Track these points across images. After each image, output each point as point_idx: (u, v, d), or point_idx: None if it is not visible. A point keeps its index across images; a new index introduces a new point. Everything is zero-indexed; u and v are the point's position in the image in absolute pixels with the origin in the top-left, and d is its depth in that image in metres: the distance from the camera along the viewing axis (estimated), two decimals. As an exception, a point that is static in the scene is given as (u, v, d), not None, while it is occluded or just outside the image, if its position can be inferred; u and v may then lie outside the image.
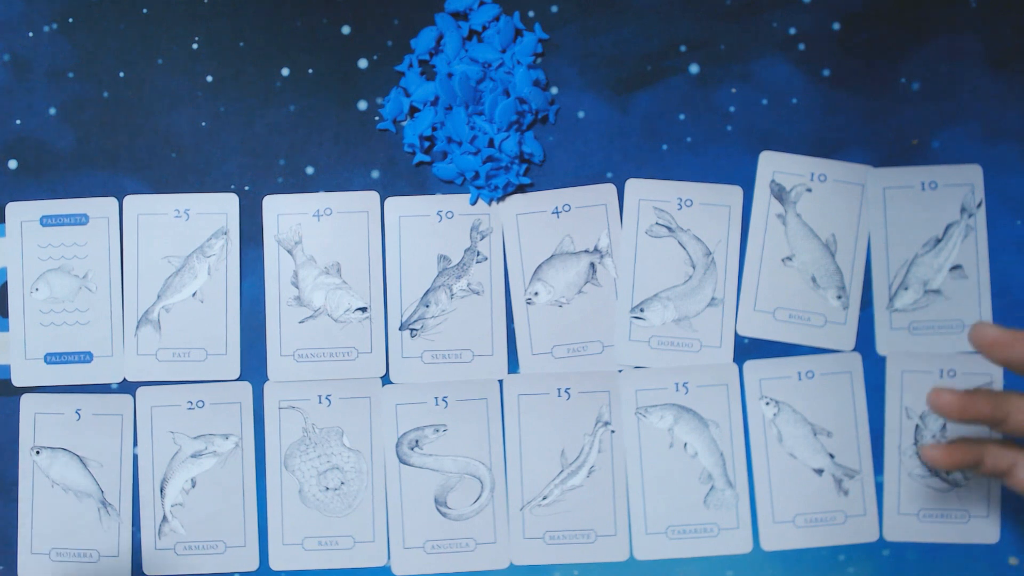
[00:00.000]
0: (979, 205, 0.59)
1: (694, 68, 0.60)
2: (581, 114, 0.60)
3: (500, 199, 0.59)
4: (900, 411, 0.59)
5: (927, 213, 0.59)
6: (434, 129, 0.59)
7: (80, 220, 0.60)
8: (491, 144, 0.58)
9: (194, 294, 0.60)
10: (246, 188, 0.60)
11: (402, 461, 0.59)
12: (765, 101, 0.59)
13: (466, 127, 0.58)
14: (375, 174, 0.60)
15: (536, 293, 0.59)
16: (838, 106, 0.59)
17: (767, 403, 0.59)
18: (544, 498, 0.59)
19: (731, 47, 0.60)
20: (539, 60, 0.60)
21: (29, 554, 0.59)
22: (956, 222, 0.59)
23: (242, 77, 0.60)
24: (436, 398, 0.59)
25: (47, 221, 0.60)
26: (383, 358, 0.59)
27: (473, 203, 0.59)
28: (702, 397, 0.59)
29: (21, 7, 0.60)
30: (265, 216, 0.60)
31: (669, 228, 0.59)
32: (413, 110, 0.60)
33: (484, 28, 0.59)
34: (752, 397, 0.59)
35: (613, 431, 0.59)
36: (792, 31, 0.60)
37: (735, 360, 0.59)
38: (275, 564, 0.59)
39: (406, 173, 0.60)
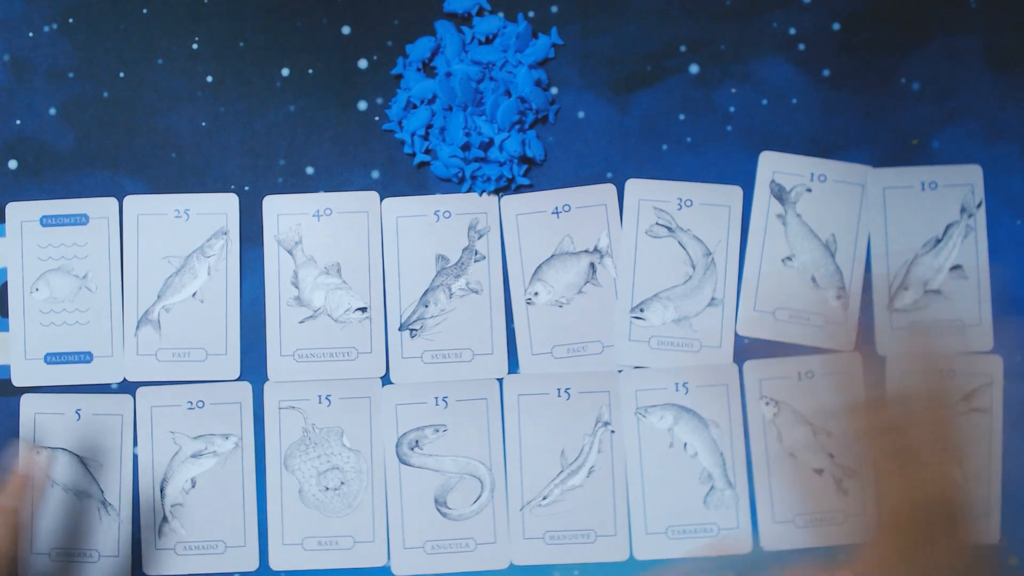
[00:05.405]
0: (979, 205, 0.59)
1: (694, 68, 0.60)
2: (581, 114, 0.60)
3: (493, 192, 0.59)
4: (900, 411, 0.59)
5: (927, 213, 0.59)
6: (429, 127, 0.59)
7: (80, 220, 0.60)
8: (490, 145, 0.58)
9: (194, 294, 0.60)
10: (246, 188, 0.60)
11: (402, 461, 0.59)
12: (765, 101, 0.59)
13: (461, 131, 0.58)
14: (375, 174, 0.60)
15: (536, 293, 0.59)
16: (838, 106, 0.59)
17: (767, 403, 0.59)
18: (544, 498, 0.59)
19: (731, 47, 0.60)
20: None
21: (29, 554, 0.59)
22: (956, 222, 0.59)
23: (242, 77, 0.60)
24: (436, 398, 0.59)
25: (47, 221, 0.60)
26: (383, 358, 0.59)
27: (466, 191, 0.59)
28: (702, 397, 0.59)
29: (21, 7, 0.60)
30: (265, 216, 0.60)
31: (669, 228, 0.59)
32: (411, 106, 0.60)
33: (489, 39, 0.59)
34: (752, 397, 0.59)
35: (613, 431, 0.59)
36: (792, 31, 0.60)
37: (735, 360, 0.59)
38: (275, 564, 0.59)
39: (406, 173, 0.60)
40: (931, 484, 0.49)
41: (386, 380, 0.60)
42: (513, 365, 0.59)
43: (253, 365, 0.60)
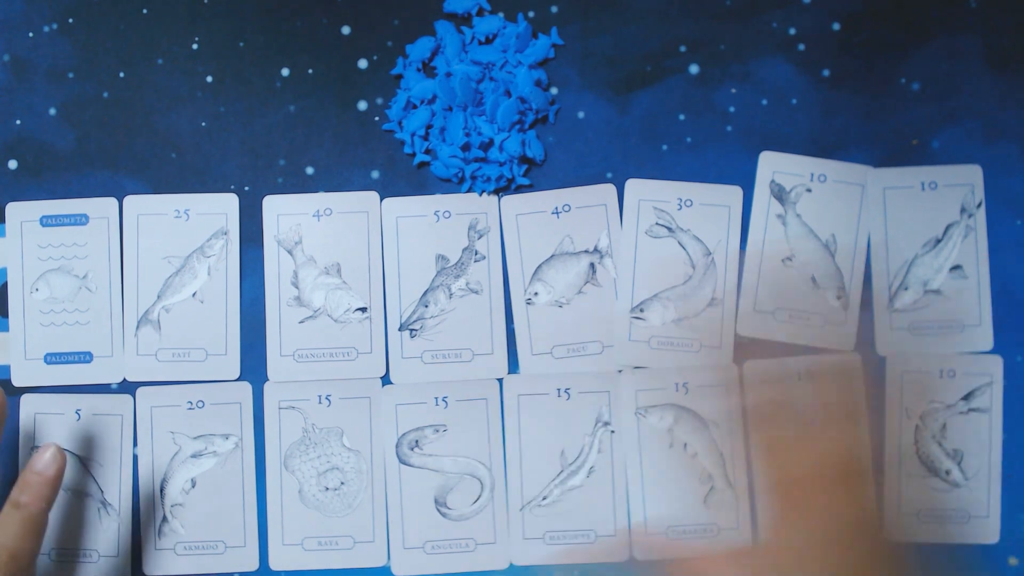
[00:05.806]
0: (979, 205, 0.59)
1: (694, 68, 0.60)
2: (581, 114, 0.60)
3: (493, 192, 0.59)
4: (900, 411, 0.59)
5: (927, 213, 0.59)
6: (429, 127, 0.59)
7: (80, 220, 0.60)
8: (490, 145, 0.58)
9: (194, 294, 0.60)
10: (246, 188, 0.60)
11: (402, 461, 0.59)
12: (765, 101, 0.59)
13: (461, 132, 0.58)
14: (375, 174, 0.60)
15: (536, 293, 0.59)
16: (838, 106, 0.59)
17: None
18: (544, 498, 0.59)
19: (731, 47, 0.60)
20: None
21: (29, 554, 0.59)
22: (956, 222, 0.59)
23: (242, 77, 0.60)
24: (436, 398, 0.59)
25: (47, 221, 0.60)
26: (383, 358, 0.59)
27: (466, 191, 0.59)
28: (702, 397, 0.59)
29: (21, 7, 0.60)
30: (265, 216, 0.60)
31: (669, 228, 0.59)
32: (411, 106, 0.60)
33: (489, 39, 0.59)
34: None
35: (613, 431, 0.59)
36: (792, 31, 0.60)
37: (735, 360, 0.59)
38: (275, 564, 0.59)
39: (406, 173, 0.60)
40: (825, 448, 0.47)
41: (386, 380, 0.60)
42: (513, 365, 0.59)
43: (253, 365, 0.60)
